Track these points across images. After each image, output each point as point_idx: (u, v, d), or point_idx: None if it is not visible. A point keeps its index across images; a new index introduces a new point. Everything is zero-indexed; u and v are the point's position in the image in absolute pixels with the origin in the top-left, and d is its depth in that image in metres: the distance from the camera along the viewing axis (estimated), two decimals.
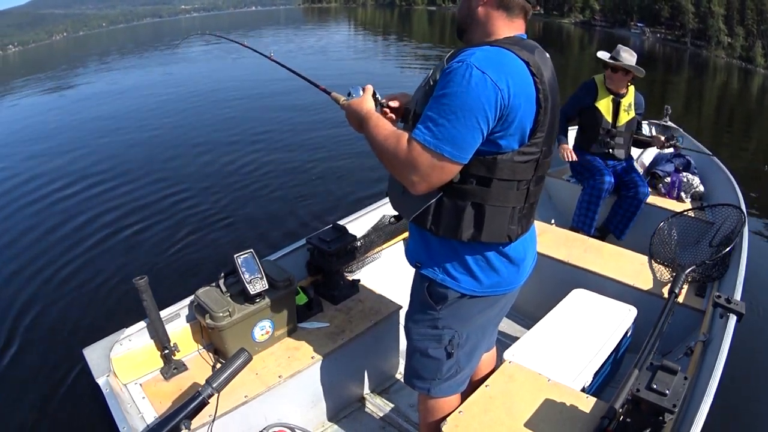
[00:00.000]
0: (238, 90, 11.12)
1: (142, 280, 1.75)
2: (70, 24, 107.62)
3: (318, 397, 2.11)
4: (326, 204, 5.19)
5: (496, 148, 1.24)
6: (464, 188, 1.29)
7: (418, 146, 1.20)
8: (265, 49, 2.04)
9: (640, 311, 2.15)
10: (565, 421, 1.58)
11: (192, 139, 7.75)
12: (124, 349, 1.87)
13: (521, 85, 1.20)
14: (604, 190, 3.14)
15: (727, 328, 1.81)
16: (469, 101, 1.16)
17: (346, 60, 17.36)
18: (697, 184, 3.41)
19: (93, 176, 6.28)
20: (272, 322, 2.02)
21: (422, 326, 1.52)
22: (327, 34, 29.04)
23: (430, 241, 1.41)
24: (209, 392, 1.23)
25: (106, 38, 46.55)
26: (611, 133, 3.27)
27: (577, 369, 1.83)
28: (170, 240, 4.59)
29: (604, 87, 3.25)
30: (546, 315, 2.13)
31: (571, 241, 2.78)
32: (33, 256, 4.44)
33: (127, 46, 30.60)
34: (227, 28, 39.31)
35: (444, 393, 1.60)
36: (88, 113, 10.40)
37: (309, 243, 2.33)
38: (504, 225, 1.33)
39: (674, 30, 34.75)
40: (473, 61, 1.17)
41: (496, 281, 1.42)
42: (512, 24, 1.33)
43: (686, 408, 1.58)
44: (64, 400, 2.84)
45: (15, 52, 53.83)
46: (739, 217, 2.63)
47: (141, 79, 15.14)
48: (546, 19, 43.92)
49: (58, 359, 3.13)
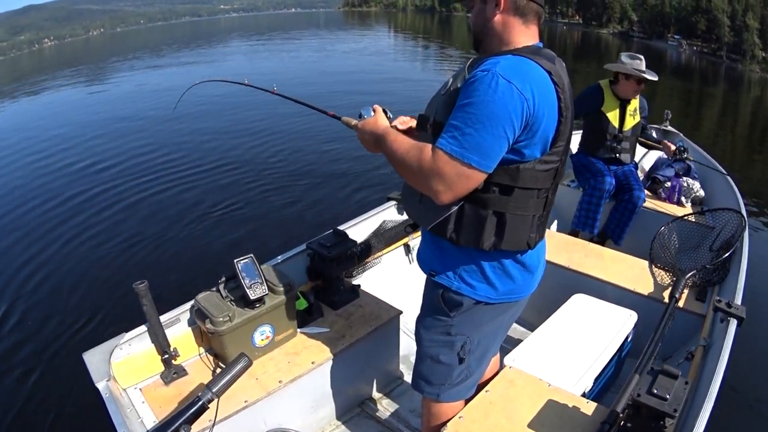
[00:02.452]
0: (241, 97, 11.15)
1: (142, 284, 1.75)
2: (107, 20, 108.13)
3: (318, 402, 2.10)
4: (326, 209, 5.20)
5: (519, 156, 1.24)
6: (486, 197, 1.28)
7: (444, 155, 1.20)
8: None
9: (641, 316, 2.15)
10: (566, 426, 1.57)
11: (192, 144, 7.77)
12: (123, 354, 1.86)
13: (545, 94, 1.21)
14: (605, 190, 3.14)
15: (728, 333, 1.80)
16: (495, 110, 1.16)
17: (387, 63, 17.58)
18: (698, 188, 3.41)
19: (94, 179, 6.31)
20: (272, 327, 2.01)
21: (434, 332, 1.51)
22: (369, 39, 28.88)
23: (446, 249, 1.41)
24: (209, 397, 1.23)
25: (144, 36, 46.48)
26: (618, 138, 3.27)
27: (578, 374, 1.83)
28: (170, 245, 4.60)
29: (610, 92, 3.24)
30: (546, 320, 2.13)
31: (571, 246, 2.78)
32: (33, 259, 4.45)
33: (164, 45, 30.64)
34: (266, 29, 39.17)
35: (452, 398, 1.60)
36: (103, 113, 10.51)
37: (309, 248, 2.33)
38: (525, 233, 1.34)
39: (710, 43, 34.67)
40: (499, 70, 1.17)
41: (511, 288, 1.42)
42: (528, 31, 1.33)
43: (687, 413, 1.58)
44: (63, 405, 2.83)
45: (51, 46, 53.99)
46: (739, 222, 2.63)
47: (166, 81, 15.17)
48: (585, 29, 43.94)
49: (58, 363, 3.13)
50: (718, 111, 12.99)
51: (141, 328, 1.91)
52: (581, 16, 47.50)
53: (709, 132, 9.82)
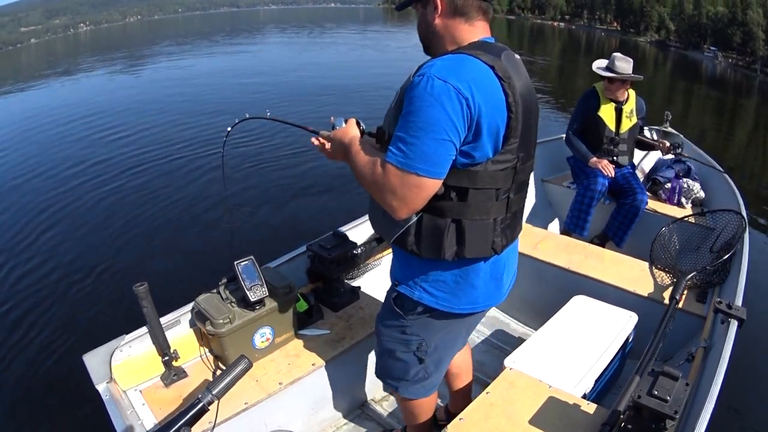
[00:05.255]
0: (241, 95, 11.17)
1: (142, 286, 1.75)
2: (145, 7, 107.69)
3: (318, 404, 2.10)
4: (326, 211, 5.20)
5: (470, 159, 1.21)
6: (443, 204, 1.25)
7: (392, 168, 1.18)
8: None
9: (641, 317, 2.15)
10: (566, 428, 1.57)
11: (190, 146, 7.75)
12: (124, 356, 1.86)
13: (488, 90, 1.16)
14: (597, 191, 3.15)
15: (728, 334, 1.80)
16: (435, 113, 1.12)
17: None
18: (698, 189, 3.41)
19: (94, 178, 6.29)
20: (272, 329, 2.01)
21: (391, 330, 1.54)
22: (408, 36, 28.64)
23: (410, 259, 1.38)
24: (209, 399, 1.23)
25: (182, 24, 46.16)
26: (615, 140, 3.28)
27: (578, 375, 1.83)
28: (171, 246, 4.60)
29: (605, 95, 3.26)
30: (547, 322, 2.12)
31: (571, 248, 2.78)
32: (33, 261, 4.44)
33: (201, 35, 30.52)
34: (304, 21, 38.76)
35: (412, 395, 1.65)
36: (118, 108, 10.38)
37: (309, 250, 2.33)
38: (488, 238, 1.31)
39: (745, 56, 34.57)
40: (434, 72, 1.14)
41: (473, 298, 1.40)
42: (473, 29, 1.29)
43: (687, 414, 1.57)
44: (63, 407, 2.83)
45: (87, 31, 53.69)
46: (739, 223, 2.63)
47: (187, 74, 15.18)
48: (623, 36, 43.89)
49: (58, 365, 3.13)
50: (750, 124, 12.89)
51: (141, 329, 1.91)
52: (619, 23, 47.51)
53: (740, 144, 9.81)
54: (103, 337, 1.85)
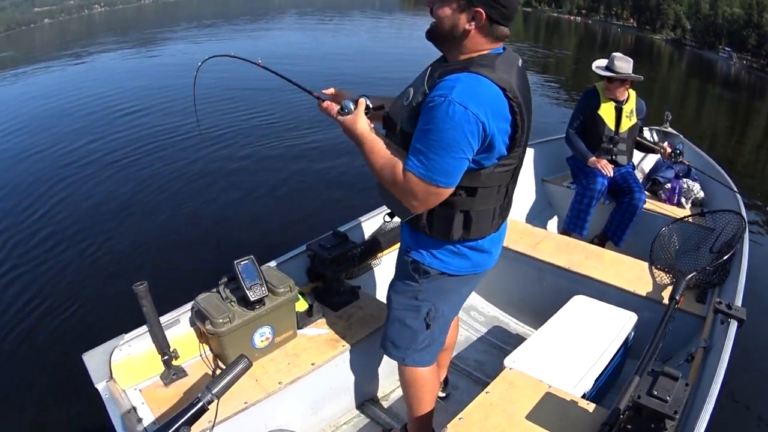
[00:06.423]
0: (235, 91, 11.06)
1: (142, 285, 1.75)
2: None
3: (318, 403, 2.10)
4: (326, 210, 5.19)
5: (479, 165, 1.38)
6: (453, 199, 1.42)
7: (413, 177, 1.34)
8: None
9: (641, 317, 2.15)
10: (566, 428, 1.57)
11: (191, 143, 7.73)
12: (123, 355, 1.86)
13: (500, 112, 1.31)
14: (596, 191, 3.15)
15: (728, 334, 1.80)
16: (455, 136, 1.27)
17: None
18: (698, 190, 3.41)
19: (93, 177, 6.26)
20: (272, 329, 2.01)
21: (403, 296, 1.66)
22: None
23: (420, 233, 1.55)
24: (209, 398, 1.23)
25: (197, 7, 45.66)
26: (614, 140, 3.28)
27: (578, 375, 1.83)
28: (170, 246, 4.59)
29: (605, 94, 3.26)
30: (547, 322, 2.12)
31: (571, 248, 2.78)
32: (32, 259, 4.43)
33: (219, 17, 30.18)
34: (321, 5, 38.55)
35: (416, 363, 1.74)
36: (116, 97, 10.16)
37: (309, 249, 2.33)
38: (489, 223, 1.52)
39: (759, 58, 34.41)
40: (455, 97, 1.26)
41: (479, 261, 1.59)
42: (491, 45, 1.38)
43: (687, 414, 1.58)
44: (62, 406, 2.83)
45: (101, 12, 52.55)
46: (739, 223, 2.63)
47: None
48: (638, 32, 43.53)
49: (57, 364, 3.12)
50: (763, 126, 12.85)
51: (141, 328, 1.91)
52: (636, 19, 47.33)
53: (752, 145, 9.76)
54: (102, 336, 1.85)
